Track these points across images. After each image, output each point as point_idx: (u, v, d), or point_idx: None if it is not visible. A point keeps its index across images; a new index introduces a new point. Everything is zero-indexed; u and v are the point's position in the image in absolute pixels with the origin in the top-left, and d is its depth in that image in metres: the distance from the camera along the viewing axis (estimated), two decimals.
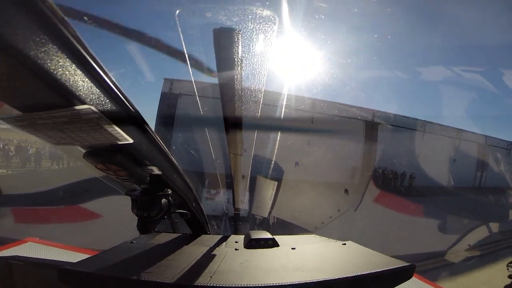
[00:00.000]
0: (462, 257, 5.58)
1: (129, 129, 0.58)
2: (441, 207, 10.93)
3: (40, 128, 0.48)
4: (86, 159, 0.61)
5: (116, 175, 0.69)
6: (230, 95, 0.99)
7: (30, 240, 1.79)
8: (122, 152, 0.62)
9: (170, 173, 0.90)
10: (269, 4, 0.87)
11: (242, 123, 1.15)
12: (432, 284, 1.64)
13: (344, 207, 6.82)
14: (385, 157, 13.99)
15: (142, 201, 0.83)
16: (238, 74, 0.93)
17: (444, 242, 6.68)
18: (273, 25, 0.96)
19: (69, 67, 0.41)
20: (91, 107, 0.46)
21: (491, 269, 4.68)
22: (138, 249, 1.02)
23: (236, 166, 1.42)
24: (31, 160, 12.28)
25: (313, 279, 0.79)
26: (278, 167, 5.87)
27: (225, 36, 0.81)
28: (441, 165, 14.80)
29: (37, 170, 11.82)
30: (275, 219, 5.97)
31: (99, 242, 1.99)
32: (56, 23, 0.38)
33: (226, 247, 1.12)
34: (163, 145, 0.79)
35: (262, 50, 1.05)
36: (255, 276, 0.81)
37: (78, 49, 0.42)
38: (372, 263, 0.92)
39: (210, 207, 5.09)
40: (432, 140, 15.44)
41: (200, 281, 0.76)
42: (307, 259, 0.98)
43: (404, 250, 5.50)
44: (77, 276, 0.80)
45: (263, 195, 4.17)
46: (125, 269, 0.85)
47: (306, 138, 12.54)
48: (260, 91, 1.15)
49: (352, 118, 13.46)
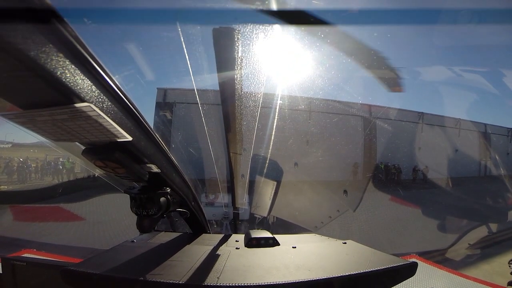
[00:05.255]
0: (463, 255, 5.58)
1: (128, 126, 0.58)
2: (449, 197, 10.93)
3: (39, 125, 0.49)
4: (85, 156, 0.62)
5: (115, 173, 0.69)
6: (230, 95, 0.99)
7: (27, 251, 1.81)
8: (121, 149, 0.62)
9: (169, 171, 0.90)
10: (268, 4, 0.87)
11: (241, 122, 1.15)
12: (435, 265, 1.65)
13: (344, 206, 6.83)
14: (387, 152, 13.96)
15: (141, 199, 0.84)
16: (238, 74, 0.93)
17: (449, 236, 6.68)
18: (273, 25, 0.96)
19: (68, 66, 0.42)
20: (90, 105, 0.46)
21: (502, 261, 4.70)
22: (140, 249, 1.03)
23: (236, 165, 1.42)
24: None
25: (315, 278, 0.79)
26: (277, 166, 5.86)
27: (225, 36, 0.81)
28: (444, 156, 14.67)
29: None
30: (274, 218, 5.97)
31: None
32: (56, 23, 0.38)
33: (227, 246, 1.12)
34: (162, 143, 0.79)
35: (261, 50, 1.05)
36: (259, 275, 0.82)
37: (78, 48, 0.43)
38: (374, 261, 0.92)
39: (210, 211, 5.08)
40: (432, 131, 15.30)
41: (208, 281, 0.77)
42: (308, 257, 0.98)
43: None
44: (79, 276, 0.80)
45: (263, 195, 4.17)
46: (128, 269, 0.85)
47: (305, 137, 12.58)
48: (260, 90, 1.15)
49: (351, 115, 13.48)
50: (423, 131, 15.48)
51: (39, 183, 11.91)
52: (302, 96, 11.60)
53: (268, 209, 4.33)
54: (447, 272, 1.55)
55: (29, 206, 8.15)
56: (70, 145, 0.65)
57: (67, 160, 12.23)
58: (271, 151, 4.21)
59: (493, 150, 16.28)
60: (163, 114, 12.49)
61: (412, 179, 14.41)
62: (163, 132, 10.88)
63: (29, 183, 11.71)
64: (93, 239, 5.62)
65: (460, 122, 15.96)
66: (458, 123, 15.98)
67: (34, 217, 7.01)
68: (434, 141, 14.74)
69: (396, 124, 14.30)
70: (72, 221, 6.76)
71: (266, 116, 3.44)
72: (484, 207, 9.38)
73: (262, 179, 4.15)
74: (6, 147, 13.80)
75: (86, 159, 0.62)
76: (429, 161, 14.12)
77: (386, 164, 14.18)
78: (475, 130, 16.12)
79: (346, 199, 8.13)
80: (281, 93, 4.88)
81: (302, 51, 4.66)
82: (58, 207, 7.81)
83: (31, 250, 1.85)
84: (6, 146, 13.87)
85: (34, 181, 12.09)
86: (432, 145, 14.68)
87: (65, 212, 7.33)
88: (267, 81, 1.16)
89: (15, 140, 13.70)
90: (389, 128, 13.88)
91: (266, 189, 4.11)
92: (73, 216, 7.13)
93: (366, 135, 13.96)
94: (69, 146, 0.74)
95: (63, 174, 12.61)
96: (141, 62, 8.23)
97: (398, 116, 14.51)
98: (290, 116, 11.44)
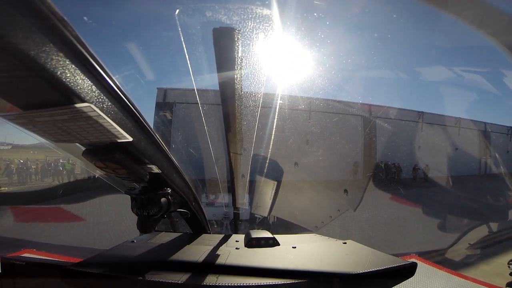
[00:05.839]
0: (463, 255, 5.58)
1: (128, 127, 0.58)
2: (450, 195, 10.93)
3: (39, 126, 0.49)
4: (85, 157, 0.61)
5: (116, 173, 0.69)
6: (230, 95, 0.99)
7: (26, 251, 1.81)
8: (122, 150, 0.62)
9: (169, 172, 0.90)
10: (268, 4, 0.87)
11: (241, 122, 1.15)
12: (435, 265, 1.65)
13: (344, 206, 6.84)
14: (387, 151, 13.96)
15: (142, 200, 0.84)
16: (238, 74, 0.93)
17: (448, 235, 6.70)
18: (273, 24, 0.96)
19: (69, 66, 0.42)
20: (90, 105, 0.46)
21: (501, 261, 4.71)
22: (140, 249, 1.03)
23: (236, 165, 1.42)
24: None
25: (315, 278, 0.79)
26: (278, 166, 5.86)
27: (225, 35, 0.81)
28: (444, 154, 14.64)
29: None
30: (275, 218, 5.98)
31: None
32: (56, 23, 0.38)
33: (227, 246, 1.12)
34: (162, 143, 0.79)
35: (261, 49, 1.05)
36: (259, 275, 0.82)
37: (78, 48, 0.43)
38: (374, 261, 0.92)
39: (210, 211, 5.08)
40: (432, 130, 15.31)
41: (207, 280, 0.77)
42: (308, 257, 0.98)
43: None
44: (79, 276, 0.80)
45: (263, 195, 4.17)
46: (128, 269, 0.85)
47: (305, 137, 12.58)
48: (260, 90, 1.15)
49: (351, 114, 13.47)
50: (423, 130, 15.50)
51: (40, 184, 11.92)
52: (302, 96, 11.62)
53: (268, 209, 4.33)
54: (446, 273, 1.55)
55: (29, 207, 8.16)
56: (70, 146, 0.65)
57: (67, 161, 12.22)
58: (271, 151, 4.21)
59: (493, 149, 16.28)
60: (163, 114, 12.49)
61: (412, 178, 14.44)
62: (163, 133, 10.89)
63: (30, 185, 11.71)
64: (93, 239, 5.62)
65: (460, 121, 15.94)
66: (458, 122, 15.98)
67: (34, 217, 7.01)
68: (434, 140, 14.74)
69: (396, 123, 14.31)
70: (72, 222, 6.77)
71: (266, 116, 3.44)
72: (485, 206, 9.37)
73: (263, 179, 4.15)
74: (6, 149, 13.82)
75: (87, 160, 0.62)
76: (429, 160, 14.13)
77: (386, 163, 14.19)
78: (475, 128, 16.11)
79: (347, 198, 8.13)
80: (281, 93, 4.88)
81: (302, 51, 4.65)
82: (58, 207, 7.82)
83: (30, 250, 1.85)
84: (6, 147, 13.90)
85: (34, 183, 12.09)
86: (432, 144, 14.69)
87: (65, 213, 7.34)
88: (267, 81, 1.16)
89: (15, 141, 13.76)
90: (389, 127, 13.88)
91: (266, 189, 4.11)
92: (73, 216, 7.14)
93: (366, 135, 13.97)
94: (70, 147, 0.74)
95: (63, 175, 12.62)
96: (141, 62, 8.23)
97: (398, 115, 14.53)
98: (290, 116, 11.45)
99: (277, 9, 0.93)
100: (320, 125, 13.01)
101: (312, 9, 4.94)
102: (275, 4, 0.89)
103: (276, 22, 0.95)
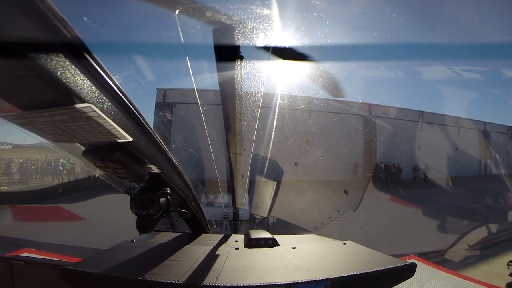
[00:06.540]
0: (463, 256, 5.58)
1: (128, 127, 0.58)
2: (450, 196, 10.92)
3: (39, 126, 0.49)
4: (85, 157, 0.61)
5: (115, 173, 0.69)
6: (230, 95, 0.99)
7: (25, 251, 1.80)
8: (121, 150, 0.62)
9: (169, 171, 0.90)
10: (268, 3, 0.87)
11: (241, 122, 1.15)
12: (435, 266, 1.65)
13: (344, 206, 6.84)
14: (387, 151, 13.94)
15: (141, 200, 0.84)
16: (238, 74, 0.93)
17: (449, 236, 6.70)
18: (273, 24, 0.96)
19: (69, 66, 0.42)
20: (90, 105, 0.46)
21: (501, 262, 4.71)
22: (139, 248, 1.03)
23: (236, 165, 1.42)
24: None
25: (314, 278, 0.80)
26: (277, 166, 5.86)
27: (225, 35, 0.81)
28: (444, 155, 14.60)
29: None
30: (274, 219, 5.97)
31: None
32: (56, 23, 0.38)
33: (226, 246, 1.12)
34: (162, 143, 0.79)
35: (261, 49, 1.05)
36: (258, 275, 0.82)
37: (78, 48, 0.43)
38: (373, 262, 0.93)
39: (210, 211, 5.08)
40: (432, 130, 15.26)
41: (207, 281, 0.77)
42: (307, 258, 0.99)
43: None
44: (78, 276, 0.80)
45: (263, 195, 4.17)
46: (127, 269, 0.85)
47: (305, 137, 12.57)
48: (260, 90, 1.15)
49: (351, 114, 13.47)
50: (423, 130, 15.47)
51: (39, 184, 11.91)
52: (302, 96, 11.61)
53: (268, 209, 4.33)
54: (445, 273, 1.55)
55: (29, 206, 8.15)
56: (70, 146, 0.65)
57: (67, 161, 12.22)
58: (271, 151, 4.20)
59: (493, 149, 16.24)
60: (163, 114, 12.49)
61: (412, 178, 14.41)
62: (163, 133, 10.88)
63: (30, 184, 11.70)
64: (92, 239, 5.62)
65: (460, 120, 15.92)
66: (458, 122, 15.95)
67: (34, 217, 7.01)
68: (434, 140, 14.73)
69: (396, 123, 14.30)
70: (71, 221, 6.76)
71: (266, 116, 3.43)
72: (484, 207, 9.37)
73: (262, 179, 4.14)
74: (6, 149, 13.81)
75: (87, 160, 0.62)
76: (429, 160, 14.10)
77: (386, 163, 14.18)
78: (475, 128, 16.08)
79: (346, 199, 8.14)
80: (281, 93, 4.87)
81: (302, 50, 4.64)
82: (57, 207, 7.81)
83: (29, 250, 1.85)
84: (6, 147, 13.89)
85: (34, 182, 12.09)
86: (432, 144, 14.68)
87: (65, 212, 7.33)
88: (267, 81, 1.16)
89: (15, 141, 13.75)
90: (389, 127, 13.87)
91: (266, 189, 4.11)
92: (72, 216, 7.13)
93: (366, 134, 13.96)
94: (69, 147, 0.74)
95: (63, 175, 12.62)
96: (141, 62, 8.22)
97: (398, 115, 14.51)
98: (290, 116, 11.45)
99: (277, 9, 0.93)
100: (320, 125, 12.99)
101: (312, 8, 4.95)
102: (275, 4, 0.89)
103: (276, 22, 0.94)
